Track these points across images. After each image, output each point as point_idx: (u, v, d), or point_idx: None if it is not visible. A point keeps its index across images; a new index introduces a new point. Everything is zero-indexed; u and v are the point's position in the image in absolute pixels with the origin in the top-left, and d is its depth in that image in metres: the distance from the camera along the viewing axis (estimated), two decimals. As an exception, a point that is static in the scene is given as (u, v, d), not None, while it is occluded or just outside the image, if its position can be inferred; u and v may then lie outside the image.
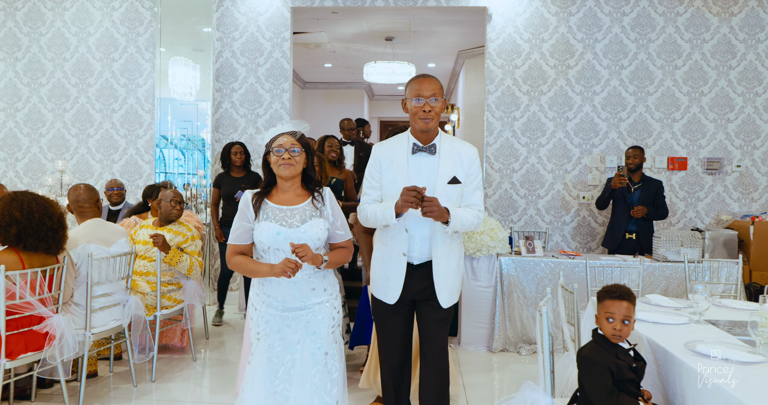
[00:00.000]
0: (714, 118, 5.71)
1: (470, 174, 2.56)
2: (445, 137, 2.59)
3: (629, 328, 2.04)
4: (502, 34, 5.83)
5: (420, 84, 2.49)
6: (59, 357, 3.01)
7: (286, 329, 2.29)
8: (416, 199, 2.31)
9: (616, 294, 2.06)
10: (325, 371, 2.27)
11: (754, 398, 1.61)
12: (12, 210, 2.79)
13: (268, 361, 2.27)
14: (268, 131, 2.36)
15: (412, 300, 2.61)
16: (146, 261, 3.97)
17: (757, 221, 5.24)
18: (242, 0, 5.98)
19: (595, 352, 2.05)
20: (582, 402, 2.06)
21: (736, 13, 5.67)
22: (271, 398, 2.25)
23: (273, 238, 2.23)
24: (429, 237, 2.52)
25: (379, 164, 2.58)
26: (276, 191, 2.34)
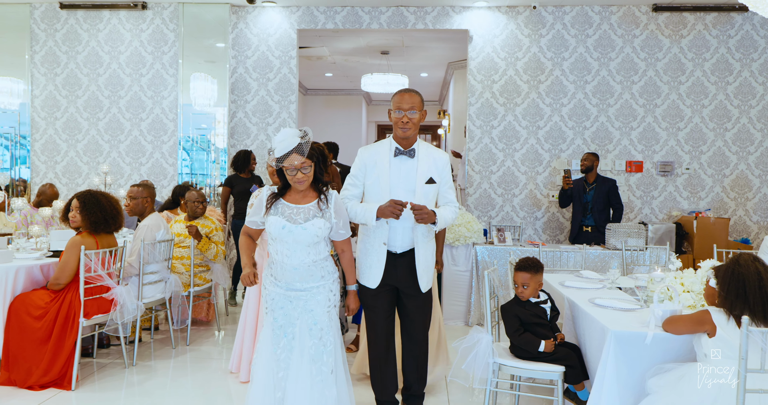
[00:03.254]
0: (666, 127, 6.56)
1: (443, 176, 2.93)
2: (422, 144, 2.95)
3: (528, 291, 2.88)
4: (481, 53, 6.68)
5: (401, 98, 2.84)
6: (120, 319, 3.85)
7: (288, 306, 2.62)
8: (400, 213, 2.69)
9: (520, 267, 2.91)
10: (321, 344, 2.59)
11: (612, 324, 2.45)
12: (98, 207, 3.63)
13: (272, 332, 2.63)
14: (276, 141, 2.55)
15: (394, 286, 2.91)
16: (181, 248, 4.81)
17: (700, 217, 6.08)
18: (254, 23, 6.82)
19: (508, 304, 2.94)
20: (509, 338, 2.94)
21: (685, 35, 6.52)
22: (275, 364, 2.60)
23: (279, 231, 2.57)
24: (411, 228, 2.85)
25: (364, 166, 2.92)
26: (290, 191, 2.67)
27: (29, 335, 3.59)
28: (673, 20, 6.49)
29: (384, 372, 2.98)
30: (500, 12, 6.62)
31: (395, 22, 6.68)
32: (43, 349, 3.58)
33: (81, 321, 3.61)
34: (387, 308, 2.95)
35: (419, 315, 2.95)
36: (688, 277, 2.82)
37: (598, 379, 2.40)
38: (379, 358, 2.97)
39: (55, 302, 3.63)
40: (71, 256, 3.60)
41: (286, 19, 6.79)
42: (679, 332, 2.32)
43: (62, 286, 3.66)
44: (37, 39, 6.91)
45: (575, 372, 2.79)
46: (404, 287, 2.91)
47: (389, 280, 2.89)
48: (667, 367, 2.31)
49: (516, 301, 2.95)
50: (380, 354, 2.97)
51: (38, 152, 6.98)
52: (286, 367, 2.58)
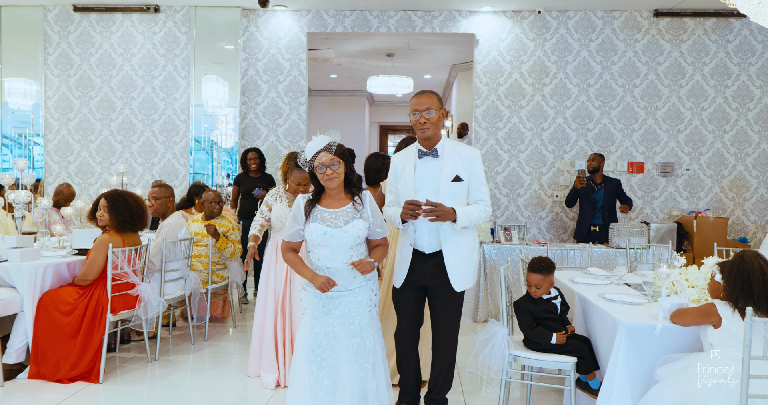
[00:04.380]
0: (667, 129, 6.74)
1: (472, 173, 2.90)
2: (448, 142, 2.94)
3: (541, 290, 3.04)
4: (487, 56, 6.84)
5: (416, 100, 2.88)
6: (144, 315, 3.99)
7: (330, 305, 2.65)
8: (414, 212, 2.73)
9: (533, 268, 3.06)
10: (362, 343, 2.64)
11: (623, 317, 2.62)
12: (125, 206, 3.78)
13: (311, 333, 2.63)
14: (307, 147, 2.68)
15: (423, 286, 2.95)
16: (198, 247, 4.95)
17: (700, 216, 6.26)
18: (265, 26, 6.97)
19: (521, 301, 3.09)
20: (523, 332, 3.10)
21: (685, 40, 6.69)
22: (314, 365, 2.61)
23: (321, 237, 2.60)
24: (436, 228, 2.85)
25: (395, 172, 3.02)
26: (324, 196, 2.71)
27: (58, 330, 3.73)
28: (673, 25, 6.66)
29: (406, 365, 3.06)
30: (506, 16, 6.78)
31: (403, 25, 6.83)
32: (72, 344, 3.72)
33: (108, 316, 3.76)
34: (412, 308, 2.99)
35: (446, 315, 2.96)
36: (692, 273, 2.98)
37: (610, 368, 2.56)
38: (402, 353, 3.06)
39: (83, 298, 3.77)
40: (99, 254, 3.75)
41: (296, 23, 6.94)
42: (686, 324, 2.47)
43: (89, 282, 3.80)
44: (51, 41, 7.04)
45: (586, 363, 2.95)
46: (433, 287, 2.93)
47: (417, 279, 2.92)
48: (674, 356, 2.47)
49: (528, 297, 3.11)
50: (403, 349, 3.04)
51: (51, 152, 7.11)
52: (327, 366, 2.60)
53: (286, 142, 7.04)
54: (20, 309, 3.74)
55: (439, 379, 3.04)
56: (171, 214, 4.49)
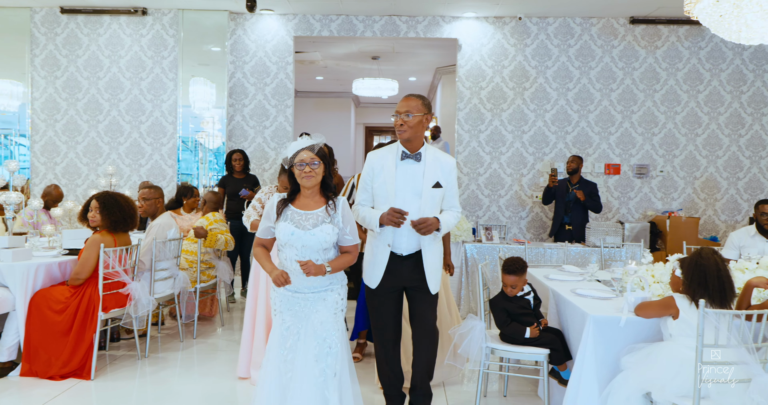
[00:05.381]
0: (642, 132, 6.97)
1: (450, 181, 2.96)
2: (429, 148, 2.98)
3: (516, 289, 3.22)
4: (470, 61, 7.02)
5: (400, 103, 2.92)
6: (135, 313, 4.10)
7: (296, 307, 2.66)
8: (400, 222, 2.75)
9: (508, 270, 3.23)
10: (325, 345, 2.60)
11: (591, 310, 2.80)
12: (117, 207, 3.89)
13: (280, 334, 2.65)
14: (290, 146, 2.68)
15: (401, 286, 2.97)
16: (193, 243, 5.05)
17: (673, 216, 6.50)
18: (252, 29, 7.09)
19: (496, 299, 3.27)
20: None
21: (659, 46, 6.93)
22: (282, 365, 2.63)
23: (288, 237, 2.60)
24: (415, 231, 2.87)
25: (371, 170, 2.97)
26: (299, 197, 2.70)
27: (50, 328, 3.82)
28: (648, 32, 6.90)
29: (390, 368, 3.06)
30: (488, 22, 6.97)
31: (388, 30, 6.99)
32: (64, 342, 3.82)
33: (99, 314, 3.86)
34: (390, 309, 3.01)
35: (426, 312, 2.99)
36: (658, 269, 3.18)
37: (578, 357, 2.74)
38: (384, 355, 3.05)
39: (75, 297, 3.87)
40: (91, 253, 3.85)
41: (283, 27, 7.06)
42: (648, 316, 2.66)
43: (81, 282, 3.90)
44: (38, 42, 7.09)
45: (559, 354, 3.13)
46: (412, 287, 2.97)
47: (395, 281, 2.94)
48: (637, 346, 2.66)
49: (503, 295, 3.28)
50: (385, 352, 3.04)
51: (38, 153, 7.15)
52: (292, 368, 2.60)
53: (273, 143, 7.16)
54: (12, 308, 3.84)
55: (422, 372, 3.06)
56: (160, 215, 4.60)
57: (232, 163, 6.35)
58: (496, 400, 3.64)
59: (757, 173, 6.92)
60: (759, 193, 6.90)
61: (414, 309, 3.03)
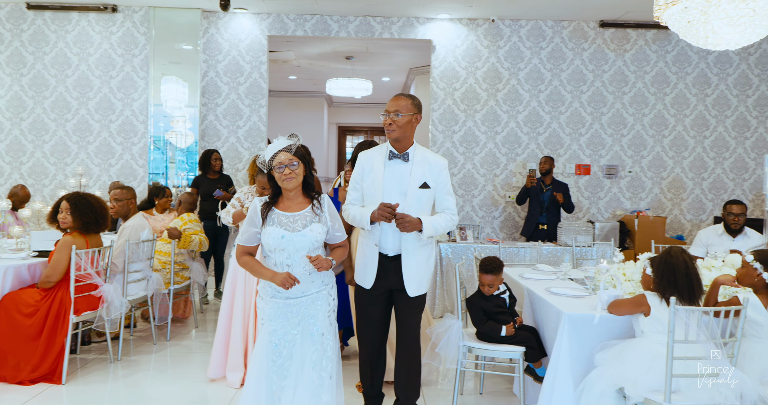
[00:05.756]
0: (611, 134, 7.14)
1: (440, 181, 2.92)
2: (419, 148, 2.96)
3: (492, 288, 3.26)
4: (444, 62, 7.08)
5: (389, 102, 2.90)
6: (108, 316, 4.03)
7: (288, 313, 2.59)
8: (390, 215, 2.73)
9: (485, 270, 3.28)
10: (322, 350, 2.57)
11: (566, 308, 2.86)
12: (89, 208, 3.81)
13: (270, 343, 2.57)
14: (267, 149, 2.63)
15: (389, 289, 2.94)
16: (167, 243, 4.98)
17: (641, 215, 6.67)
18: (225, 28, 7.02)
19: (473, 298, 3.32)
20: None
21: (628, 50, 7.10)
22: (275, 373, 2.56)
23: (278, 241, 2.54)
24: (399, 232, 2.85)
25: (361, 169, 2.97)
26: (281, 199, 2.65)
27: (19, 332, 3.73)
28: (617, 36, 7.07)
29: (373, 369, 3.05)
30: (461, 24, 7.04)
31: (363, 30, 7.01)
32: (34, 346, 3.73)
33: (71, 317, 3.78)
34: (379, 311, 2.99)
35: (409, 317, 2.97)
36: (629, 268, 3.26)
37: (554, 354, 2.80)
38: (370, 357, 3.03)
39: (45, 300, 3.78)
40: (63, 255, 3.77)
41: (256, 26, 7.01)
42: (621, 313, 2.74)
43: (53, 284, 3.81)
44: (3, 39, 6.89)
45: (534, 352, 3.19)
46: (397, 290, 2.95)
47: (383, 282, 2.92)
48: (610, 343, 2.73)
49: (479, 295, 3.33)
50: (371, 353, 3.03)
51: (2, 153, 6.96)
52: (287, 376, 2.55)
53: (247, 143, 7.11)
54: (-21, 311, 3.73)
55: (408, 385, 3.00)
56: (133, 216, 4.52)
57: (212, 163, 6.28)
58: (472, 398, 3.69)
59: (720, 174, 7.15)
60: (722, 193, 7.13)
61: (397, 313, 3.00)
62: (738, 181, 7.14)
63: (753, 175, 7.14)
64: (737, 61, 7.06)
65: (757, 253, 2.66)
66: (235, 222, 3.90)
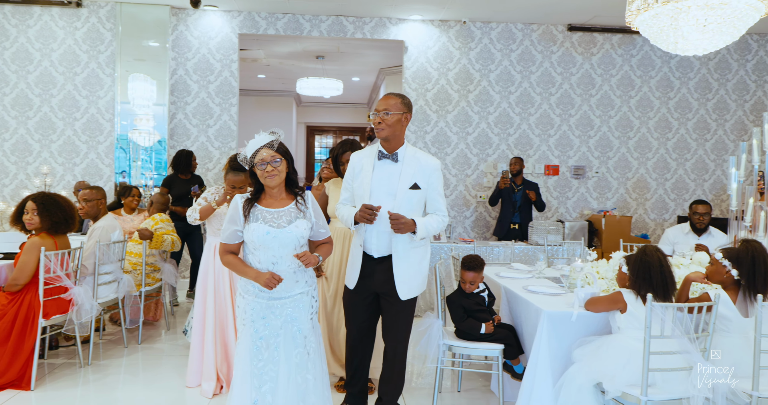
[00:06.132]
0: (579, 135, 7.31)
1: (431, 182, 2.88)
2: (410, 148, 2.92)
3: (474, 285, 3.32)
4: (416, 63, 7.13)
5: (379, 101, 2.87)
6: (78, 319, 3.92)
7: (270, 315, 2.52)
8: (371, 217, 2.70)
9: (468, 267, 3.32)
10: (305, 353, 2.54)
11: (545, 306, 2.93)
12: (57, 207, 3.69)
13: (253, 345, 2.51)
14: (248, 145, 2.56)
15: (375, 292, 2.90)
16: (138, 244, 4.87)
17: (608, 215, 6.85)
18: (195, 25, 6.90)
19: (453, 296, 3.36)
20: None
21: (595, 53, 7.28)
22: (256, 378, 2.50)
23: (263, 238, 2.47)
24: (387, 233, 2.81)
25: (352, 169, 2.95)
26: (264, 196, 2.59)
27: (-16, 337, 3.60)
28: (585, 39, 7.24)
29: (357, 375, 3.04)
30: (433, 25, 7.10)
31: (335, 30, 6.99)
32: (1, 351, 3.60)
33: (40, 321, 3.67)
34: (363, 312, 2.96)
35: (396, 323, 2.93)
36: (602, 266, 3.35)
37: (533, 351, 2.86)
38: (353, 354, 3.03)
39: (13, 304, 3.66)
40: (31, 257, 3.65)
41: (227, 24, 6.92)
42: (598, 310, 2.82)
43: (20, 287, 3.69)
44: (-41, 33, 6.62)
45: (512, 349, 3.25)
46: (383, 293, 2.91)
47: (368, 285, 2.89)
48: (588, 339, 2.80)
49: (460, 292, 3.37)
50: (354, 353, 3.01)
51: (-41, 151, 6.69)
52: (269, 380, 2.50)
53: (217, 143, 7.01)
54: (-59, 316, 3.58)
55: (389, 387, 3.02)
56: (103, 217, 4.41)
57: (193, 164, 6.19)
58: (450, 396, 3.73)
59: (682, 174, 7.41)
60: (684, 194, 7.39)
61: (384, 318, 2.96)
62: (699, 182, 7.41)
63: (713, 176, 7.42)
64: (698, 66, 7.32)
65: (726, 251, 2.77)
66: (203, 218, 3.76)
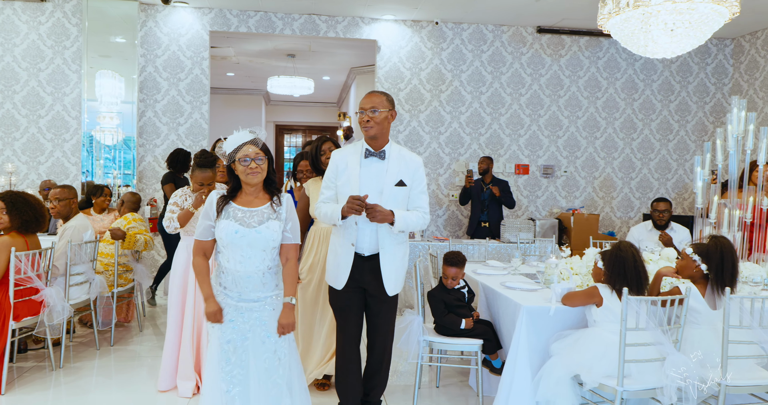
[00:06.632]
0: (548, 135, 7.47)
1: (415, 179, 2.90)
2: (395, 146, 2.93)
3: (456, 281, 3.38)
4: (389, 62, 7.17)
5: (364, 99, 2.85)
6: (50, 321, 3.82)
7: (239, 318, 2.46)
8: (360, 207, 2.67)
9: (451, 262, 3.39)
10: (275, 357, 2.48)
11: (524, 301, 3.01)
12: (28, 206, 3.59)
13: (220, 348, 2.46)
14: (228, 139, 2.49)
15: (363, 288, 2.90)
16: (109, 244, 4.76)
17: (576, 213, 7.03)
18: (164, 22, 6.79)
19: (435, 290, 3.42)
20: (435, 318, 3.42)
21: (563, 55, 7.46)
22: (224, 382, 2.45)
23: (231, 236, 2.42)
24: (377, 231, 2.82)
25: (336, 167, 2.91)
26: (241, 194, 2.53)
27: (-48, 341, 3.48)
28: (553, 41, 7.41)
29: (350, 376, 2.97)
30: (406, 25, 7.16)
31: (308, 29, 6.98)
32: (-31, 355, 3.50)
33: (10, 323, 3.57)
34: (356, 310, 2.95)
35: (383, 319, 2.96)
36: (575, 262, 3.46)
37: (513, 346, 2.93)
38: (346, 362, 2.96)
39: (-19, 306, 3.55)
40: (1, 258, 3.55)
41: (198, 21, 6.83)
42: (574, 305, 2.90)
43: (-12, 289, 3.58)
44: None
45: (491, 344, 3.32)
46: (371, 290, 2.91)
47: (357, 282, 2.88)
48: (565, 333, 2.89)
49: (441, 288, 3.43)
50: (348, 358, 2.96)
51: None
52: (238, 383, 2.45)
53: (188, 141, 6.91)
54: None
55: (376, 382, 3.04)
56: (75, 216, 4.31)
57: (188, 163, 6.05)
58: (429, 391, 3.79)
59: (647, 174, 7.65)
60: (649, 192, 7.63)
61: (370, 315, 2.96)
62: (662, 181, 7.67)
63: (675, 175, 7.69)
64: (661, 69, 7.58)
65: (696, 246, 2.89)
66: (183, 224, 3.69)
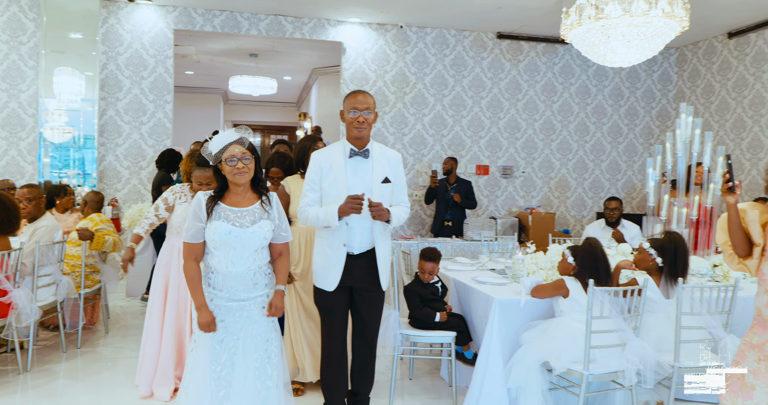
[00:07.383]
0: (507, 137, 7.75)
1: (397, 175, 2.94)
2: (375, 144, 2.94)
3: (432, 276, 3.54)
4: (354, 64, 7.28)
5: (356, 99, 2.81)
6: (17, 323, 3.76)
7: (229, 318, 2.44)
8: (360, 206, 2.67)
9: (428, 258, 3.54)
10: (266, 357, 2.45)
11: (496, 294, 3.18)
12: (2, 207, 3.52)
13: (211, 349, 2.42)
14: (214, 140, 2.47)
15: (349, 287, 2.89)
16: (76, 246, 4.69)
17: (534, 212, 7.32)
18: (127, 19, 6.69)
19: (411, 285, 3.56)
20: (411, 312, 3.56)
21: (521, 60, 7.75)
22: (214, 382, 2.40)
23: (224, 237, 2.40)
24: (369, 229, 2.83)
25: (319, 169, 2.87)
26: (228, 194, 2.50)
27: None
28: (512, 47, 7.69)
29: (337, 375, 2.96)
30: (371, 28, 7.28)
31: (274, 29, 7.01)
32: (-67, 358, 3.41)
33: (-22, 326, 3.50)
34: (344, 310, 2.95)
35: (372, 316, 2.96)
36: (540, 258, 3.67)
37: (486, 336, 3.10)
38: (333, 362, 2.95)
39: (-54, 308, 3.47)
40: (-31, 259, 3.48)
41: (162, 19, 6.76)
42: (543, 297, 3.10)
43: (-45, 291, 3.50)
44: None
45: (464, 336, 3.49)
46: (361, 288, 2.90)
47: (346, 281, 2.87)
48: (534, 323, 3.09)
49: (417, 282, 3.57)
50: (335, 357, 2.94)
51: None
52: (227, 385, 2.42)
53: (151, 140, 6.83)
54: None
55: (365, 379, 3.03)
56: (43, 216, 4.24)
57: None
58: (401, 383, 3.92)
59: (599, 174, 8.04)
60: (600, 192, 8.02)
61: (358, 311, 2.95)
62: (612, 181, 8.07)
63: (624, 176, 8.11)
64: (612, 75, 7.97)
65: (652, 241, 3.14)
66: (135, 240, 3.67)
